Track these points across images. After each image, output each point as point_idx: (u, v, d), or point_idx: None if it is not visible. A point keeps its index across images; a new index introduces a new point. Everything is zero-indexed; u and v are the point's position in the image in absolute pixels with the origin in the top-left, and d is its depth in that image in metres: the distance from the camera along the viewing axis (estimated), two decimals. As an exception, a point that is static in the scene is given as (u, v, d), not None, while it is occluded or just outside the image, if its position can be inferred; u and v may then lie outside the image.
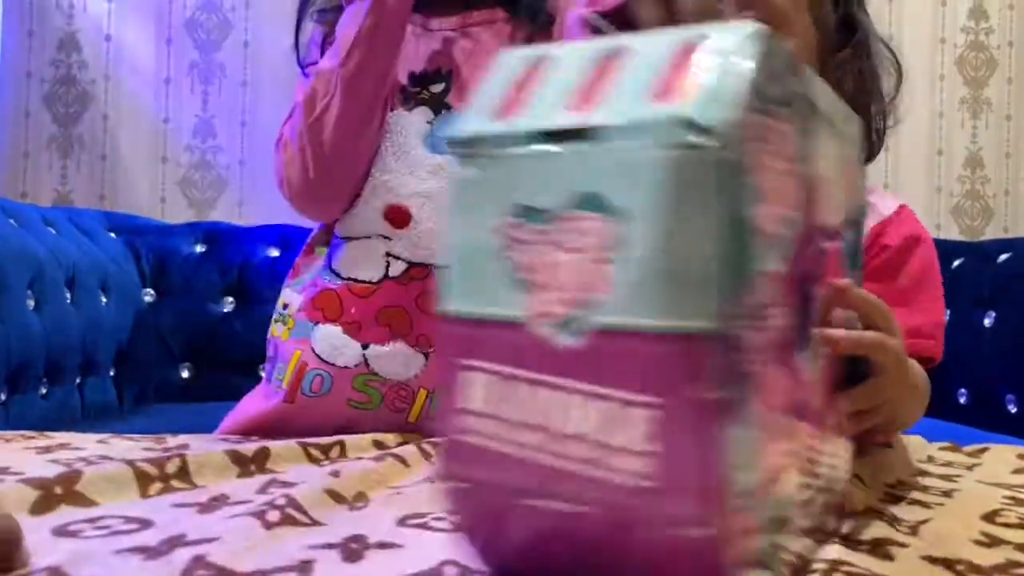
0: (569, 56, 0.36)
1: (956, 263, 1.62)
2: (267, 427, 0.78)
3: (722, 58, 0.31)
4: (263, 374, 0.87)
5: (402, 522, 0.46)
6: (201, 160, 1.92)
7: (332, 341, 0.79)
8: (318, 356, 0.79)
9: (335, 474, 0.52)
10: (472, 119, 0.35)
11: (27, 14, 1.90)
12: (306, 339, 0.80)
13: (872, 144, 0.72)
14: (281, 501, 0.46)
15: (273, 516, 0.44)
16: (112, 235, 1.64)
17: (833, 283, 0.44)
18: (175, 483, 0.52)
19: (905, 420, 0.62)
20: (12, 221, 1.28)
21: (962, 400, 1.54)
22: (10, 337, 1.16)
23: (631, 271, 0.30)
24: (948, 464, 0.69)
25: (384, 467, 0.56)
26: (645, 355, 0.30)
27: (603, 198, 0.31)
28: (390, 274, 0.80)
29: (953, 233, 2.07)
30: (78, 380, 1.40)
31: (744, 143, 0.31)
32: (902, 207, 0.76)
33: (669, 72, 0.32)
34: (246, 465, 0.57)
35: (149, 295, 1.62)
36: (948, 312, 1.55)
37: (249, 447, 0.59)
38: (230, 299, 1.63)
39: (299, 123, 0.80)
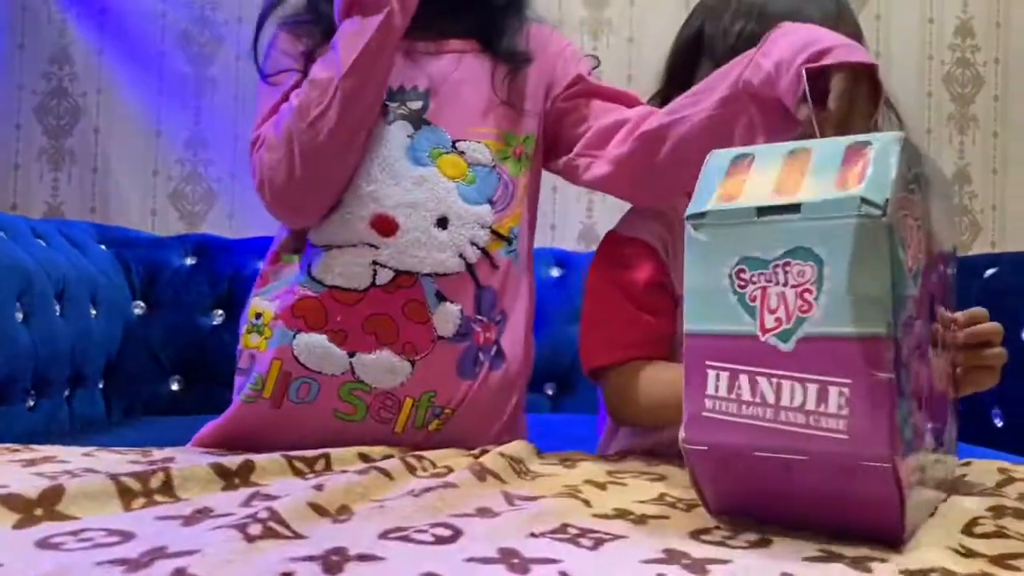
0: (765, 153, 0.53)
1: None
2: (250, 434, 0.79)
3: (881, 157, 0.48)
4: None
5: (384, 535, 0.46)
6: (192, 173, 1.92)
7: (317, 350, 0.79)
8: (302, 364, 0.79)
9: (319, 487, 0.52)
10: (702, 200, 0.52)
11: (19, 27, 1.91)
12: (287, 347, 0.79)
13: None
14: (264, 514, 0.46)
15: (255, 529, 0.44)
16: (103, 247, 1.64)
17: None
18: (158, 497, 0.53)
19: None
20: (2, 233, 1.28)
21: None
22: (-4, 350, 1.15)
23: (828, 297, 0.47)
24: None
25: (368, 480, 0.56)
26: (839, 352, 0.46)
27: (809, 250, 0.48)
28: (377, 282, 0.81)
29: (941, 248, 2.08)
30: (67, 392, 1.40)
31: (895, 212, 0.46)
32: None
33: (845, 166, 0.49)
34: (230, 478, 0.57)
35: (139, 307, 1.62)
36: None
37: (234, 460, 0.59)
38: (220, 312, 1.63)
39: (291, 127, 0.80)
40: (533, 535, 0.47)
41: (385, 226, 0.81)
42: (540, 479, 0.64)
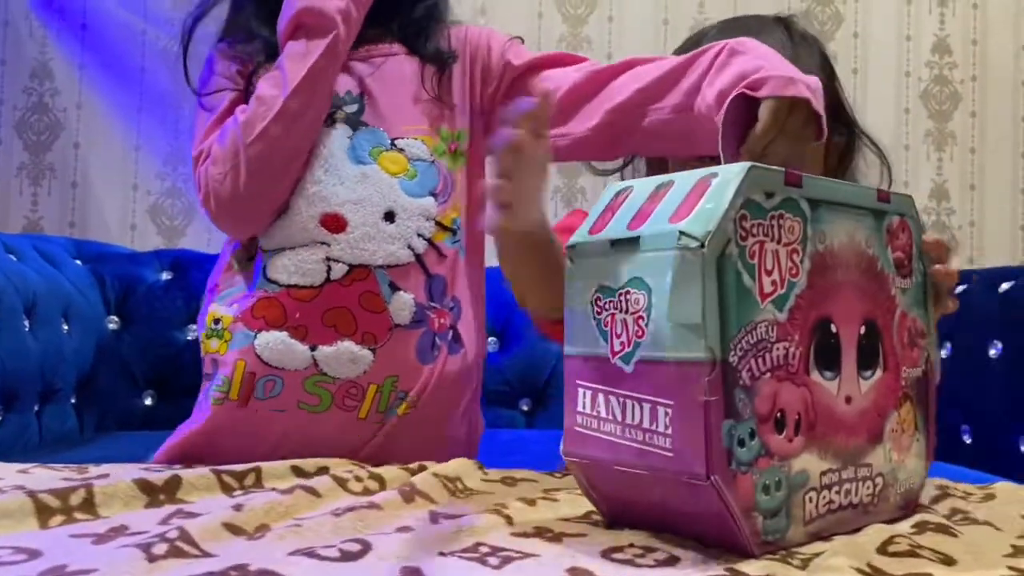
0: (640, 187, 0.56)
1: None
2: (219, 435, 0.83)
3: (718, 190, 0.50)
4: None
5: (293, 552, 0.46)
6: (172, 188, 1.93)
7: (278, 347, 0.82)
8: (265, 363, 0.82)
9: (238, 507, 0.53)
10: (579, 233, 0.57)
11: (0, 43, 1.92)
12: (248, 347, 0.82)
13: None
14: (173, 534, 0.46)
15: (160, 548, 0.44)
16: (78, 262, 1.64)
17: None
18: (78, 515, 0.53)
19: None
20: (-31, 249, 1.29)
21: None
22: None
23: (654, 324, 0.50)
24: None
25: (291, 500, 0.56)
26: (664, 374, 0.49)
27: (641, 279, 0.51)
28: (332, 277, 0.84)
29: (919, 264, 2.09)
30: (36, 407, 1.40)
31: (726, 243, 0.49)
32: None
33: (687, 199, 0.51)
34: (155, 495, 0.57)
35: (113, 322, 1.62)
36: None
37: (160, 476, 0.59)
38: (194, 326, 1.63)
39: (237, 141, 0.83)
40: (442, 554, 0.47)
41: (335, 223, 0.85)
42: (474, 496, 0.64)
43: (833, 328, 0.54)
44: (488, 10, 2.02)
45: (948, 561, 0.49)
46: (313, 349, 0.83)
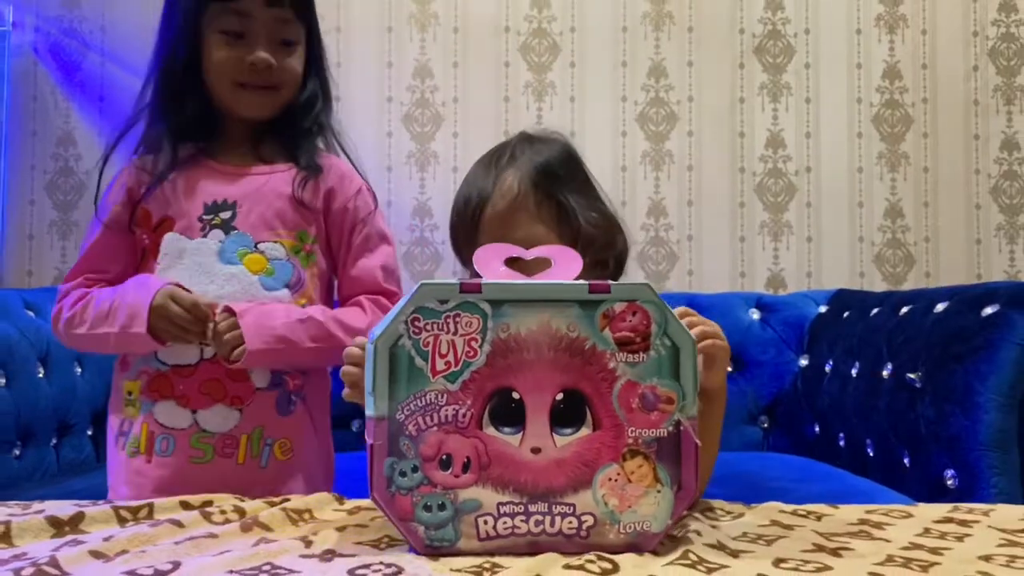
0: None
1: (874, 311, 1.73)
2: (135, 482, 1.07)
3: (399, 304, 0.70)
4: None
5: (125, 572, 0.65)
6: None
7: (169, 412, 1.08)
8: (161, 424, 1.08)
9: (108, 538, 0.72)
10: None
11: (30, 116, 2.19)
12: (150, 414, 1.09)
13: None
14: (45, 559, 0.66)
15: (28, 571, 0.64)
16: (94, 310, 1.88)
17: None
18: (-6, 545, 0.73)
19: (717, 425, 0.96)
20: (-10, 310, 1.53)
21: (842, 444, 1.67)
22: (-22, 412, 1.39)
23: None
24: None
25: (156, 530, 0.75)
26: (368, 426, 0.69)
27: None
28: (204, 357, 1.09)
29: (876, 280, 2.20)
30: (54, 441, 1.64)
31: (398, 338, 0.68)
32: None
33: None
34: (61, 527, 0.77)
35: (124, 362, 1.85)
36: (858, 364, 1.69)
37: (67, 512, 0.79)
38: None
39: (61, 328, 1.13)
40: (231, 572, 0.66)
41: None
42: (312, 524, 0.83)
43: (515, 395, 0.70)
44: (460, 63, 2.20)
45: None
46: (194, 412, 1.08)
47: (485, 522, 0.69)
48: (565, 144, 1.08)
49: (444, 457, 0.69)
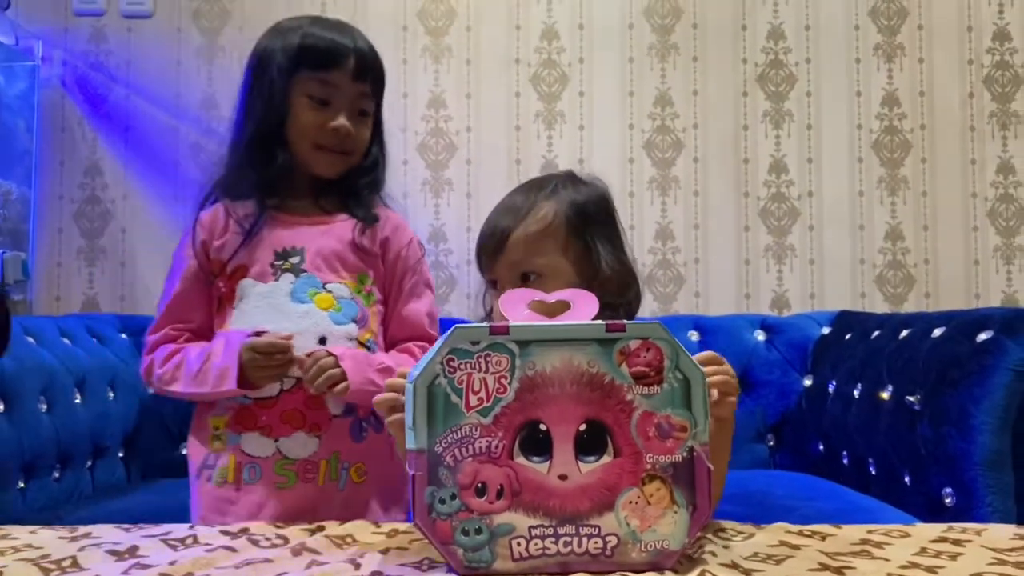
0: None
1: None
2: (224, 508, 1.15)
3: (435, 345, 0.77)
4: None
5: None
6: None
7: (253, 442, 1.16)
8: (248, 454, 1.16)
9: (172, 562, 0.79)
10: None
11: (59, 146, 2.27)
12: (237, 446, 1.17)
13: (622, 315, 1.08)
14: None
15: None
16: (123, 336, 1.95)
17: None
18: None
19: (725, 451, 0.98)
20: (30, 339, 1.60)
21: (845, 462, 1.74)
22: (22, 437, 1.46)
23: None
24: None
25: (213, 555, 0.82)
26: (409, 458, 0.76)
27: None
28: (284, 388, 1.17)
29: (877, 301, 2.27)
30: (89, 464, 1.71)
31: (441, 375, 0.75)
32: None
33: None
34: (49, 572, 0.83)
35: (153, 386, 1.93)
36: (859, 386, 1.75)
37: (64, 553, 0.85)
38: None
39: (154, 380, 1.21)
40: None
41: None
42: (356, 547, 0.90)
43: (542, 427, 0.77)
44: (473, 94, 2.28)
45: None
46: (276, 440, 1.16)
47: (518, 544, 0.75)
48: (604, 192, 1.13)
49: (479, 485, 0.75)
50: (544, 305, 0.86)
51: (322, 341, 1.18)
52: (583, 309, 0.86)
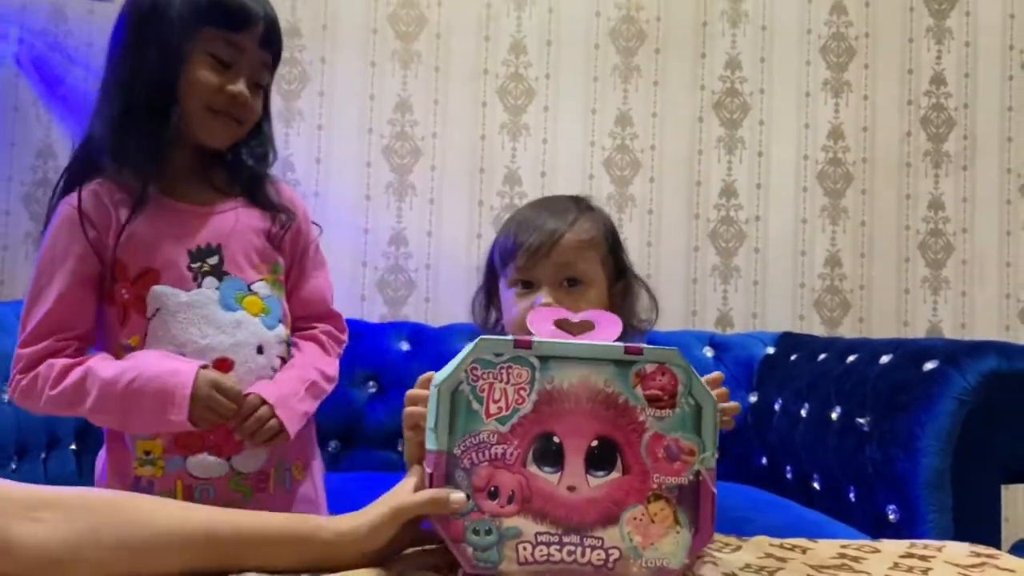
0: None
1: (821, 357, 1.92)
2: None
3: (459, 354, 0.80)
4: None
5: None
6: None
7: (204, 464, 1.10)
8: (196, 476, 1.10)
9: None
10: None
11: (10, 126, 2.20)
12: (182, 469, 1.10)
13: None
14: None
15: None
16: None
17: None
18: None
19: None
20: (-8, 326, 1.56)
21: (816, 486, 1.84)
22: (-13, 427, 1.43)
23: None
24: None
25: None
26: (428, 458, 0.78)
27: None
28: None
29: (815, 323, 2.39)
30: (43, 455, 1.67)
31: (458, 384, 0.78)
32: None
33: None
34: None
35: (107, 378, 1.89)
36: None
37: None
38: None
39: (38, 391, 1.07)
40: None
41: (224, 366, 1.11)
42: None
43: (556, 439, 0.79)
44: (440, 100, 2.31)
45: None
46: (228, 459, 1.11)
47: (524, 548, 0.77)
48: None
49: (492, 489, 0.77)
50: (569, 323, 0.91)
51: (259, 350, 1.13)
52: (607, 329, 0.90)
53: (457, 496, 0.78)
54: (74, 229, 1.07)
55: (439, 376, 0.81)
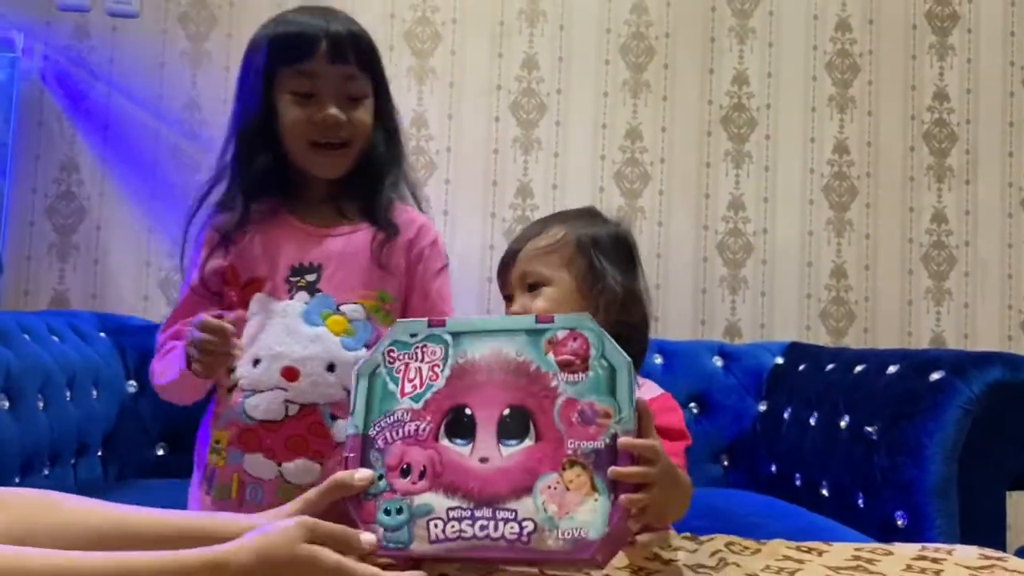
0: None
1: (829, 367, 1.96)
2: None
3: (382, 340, 0.84)
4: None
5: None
6: (180, 264, 2.25)
7: (257, 464, 1.15)
8: (250, 475, 1.15)
9: None
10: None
11: (35, 140, 2.25)
12: (239, 464, 1.16)
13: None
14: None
15: None
16: (103, 335, 1.96)
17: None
18: None
19: (673, 509, 0.88)
20: (26, 336, 1.61)
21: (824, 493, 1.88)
22: (23, 434, 1.48)
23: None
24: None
25: None
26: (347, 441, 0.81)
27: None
28: (289, 414, 1.15)
29: (821, 333, 2.44)
30: (73, 461, 1.72)
31: (376, 366, 0.82)
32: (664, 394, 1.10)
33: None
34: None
35: (132, 386, 1.94)
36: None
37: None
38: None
39: (153, 379, 1.23)
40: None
41: (291, 375, 1.15)
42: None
43: (468, 411, 0.79)
44: (454, 115, 2.37)
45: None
46: (279, 465, 1.15)
47: (436, 526, 0.75)
48: (623, 229, 1.16)
49: (405, 466, 0.77)
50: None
51: (330, 368, 1.15)
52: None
53: (363, 474, 0.77)
54: (199, 252, 1.25)
55: (359, 363, 0.83)
